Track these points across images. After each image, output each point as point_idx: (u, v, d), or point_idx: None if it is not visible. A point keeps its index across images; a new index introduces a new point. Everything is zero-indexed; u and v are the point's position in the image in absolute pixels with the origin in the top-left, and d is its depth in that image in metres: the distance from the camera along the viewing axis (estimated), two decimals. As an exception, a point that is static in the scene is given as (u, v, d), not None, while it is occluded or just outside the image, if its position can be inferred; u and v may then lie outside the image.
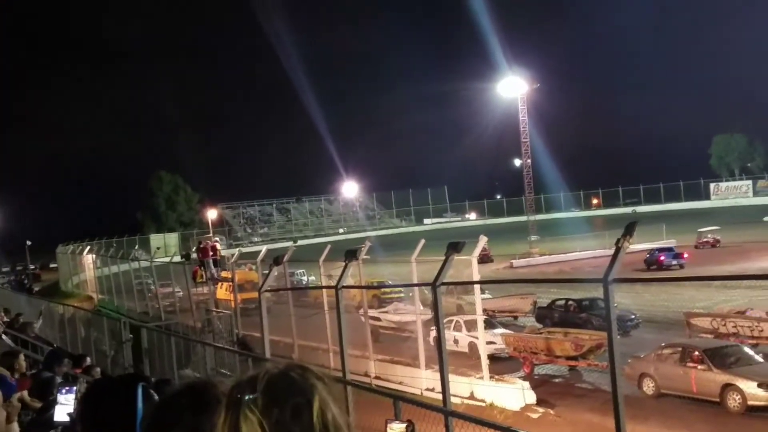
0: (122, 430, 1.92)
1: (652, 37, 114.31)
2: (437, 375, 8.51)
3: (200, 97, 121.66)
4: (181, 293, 28.91)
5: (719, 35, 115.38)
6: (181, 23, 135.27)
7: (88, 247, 43.77)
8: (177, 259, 29.81)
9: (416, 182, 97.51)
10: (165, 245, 56.90)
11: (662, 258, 36.71)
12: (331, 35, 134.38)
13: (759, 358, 16.57)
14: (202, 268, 26.55)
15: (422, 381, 16.99)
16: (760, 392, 14.89)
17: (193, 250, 31.95)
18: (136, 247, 51.39)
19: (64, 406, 3.13)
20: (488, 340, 19.12)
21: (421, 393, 16.27)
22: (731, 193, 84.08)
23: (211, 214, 79.89)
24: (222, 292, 27.20)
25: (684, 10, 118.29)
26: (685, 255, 37.24)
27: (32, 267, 66.77)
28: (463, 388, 16.48)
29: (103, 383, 2.19)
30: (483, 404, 16.25)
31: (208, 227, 75.82)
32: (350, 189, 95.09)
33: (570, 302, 24.80)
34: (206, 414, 1.69)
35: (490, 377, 17.06)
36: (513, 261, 43.86)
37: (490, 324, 21.07)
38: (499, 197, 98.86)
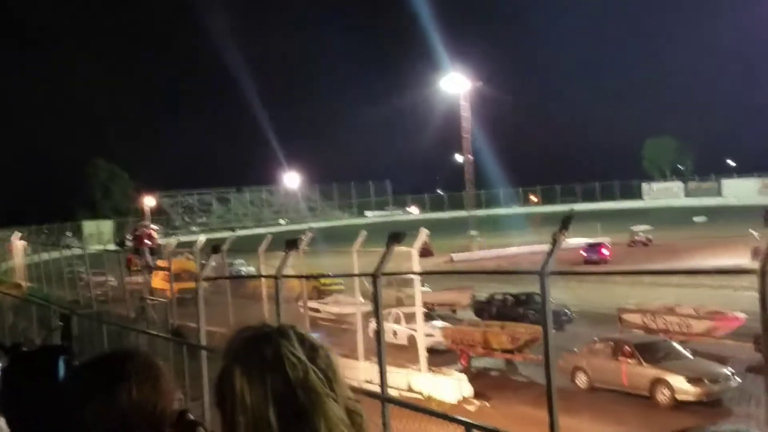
0: (44, 404, 1.81)
1: (591, 40, 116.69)
2: (376, 367, 8.48)
3: (139, 85, 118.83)
4: (115, 282, 28.17)
5: (656, 39, 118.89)
6: (118, 6, 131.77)
7: (18, 234, 42.31)
8: (112, 247, 29.04)
9: (358, 175, 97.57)
10: (99, 233, 55.49)
11: (584, 253, 38.06)
12: (273, 27, 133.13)
13: (688, 353, 17.11)
14: (137, 256, 25.92)
15: (360, 372, 16.97)
16: (689, 387, 15.40)
17: (129, 237, 31.18)
18: (68, 233, 49.91)
19: None
20: (427, 333, 19.24)
21: (359, 385, 16.25)
22: (663, 194, 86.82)
23: (149, 202, 78.17)
24: (158, 281, 26.59)
25: (625, 14, 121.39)
26: (604, 251, 38.61)
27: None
28: (401, 379, 16.53)
29: (21, 357, 2.06)
30: (420, 397, 16.32)
31: (145, 215, 74.23)
32: (292, 180, 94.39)
33: (507, 296, 25.18)
34: (125, 383, 1.60)
35: (428, 369, 17.16)
36: (453, 255, 44.26)
37: (429, 317, 21.20)
38: (440, 192, 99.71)
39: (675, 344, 17.66)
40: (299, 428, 1.16)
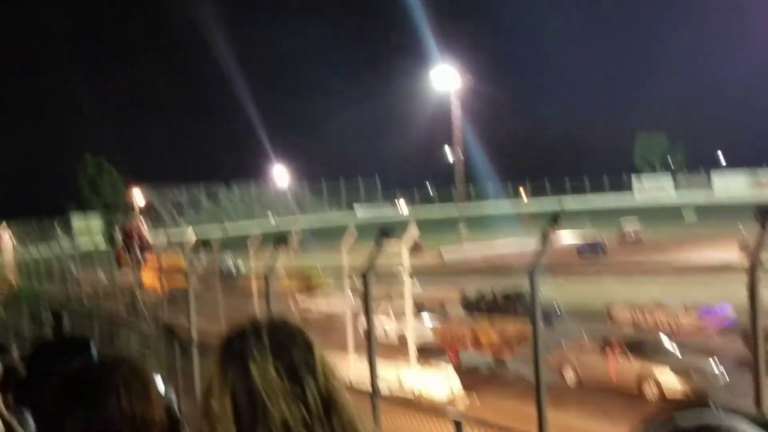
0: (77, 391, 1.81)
1: (581, 34, 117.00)
2: (365, 363, 8.53)
3: (127, 80, 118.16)
4: (104, 277, 28.07)
5: (647, 33, 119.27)
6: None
7: (7, 229, 42.09)
8: (101, 244, 28.96)
9: (348, 171, 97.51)
10: (88, 228, 55.24)
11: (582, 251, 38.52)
12: (263, 22, 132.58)
13: (675, 349, 17.25)
14: (127, 251, 25.85)
15: (350, 369, 17.01)
16: (676, 382, 15.52)
17: (118, 233, 31.07)
18: (57, 229, 49.66)
19: None
20: (416, 330, 19.29)
21: (349, 381, 16.29)
22: (653, 188, 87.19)
23: (138, 197, 77.86)
24: (147, 277, 26.53)
25: (616, 8, 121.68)
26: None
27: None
28: (390, 374, 16.57)
29: (52, 344, 2.06)
30: (411, 393, 16.38)
31: (134, 211, 73.92)
32: (281, 176, 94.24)
33: (497, 293, 25.25)
34: (111, 395, 1.60)
35: (418, 363, 17.22)
36: (442, 250, 44.32)
37: (419, 314, 21.25)
38: (430, 188, 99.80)
39: (663, 340, 17.79)
40: (254, 423, 1.19)
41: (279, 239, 10.08)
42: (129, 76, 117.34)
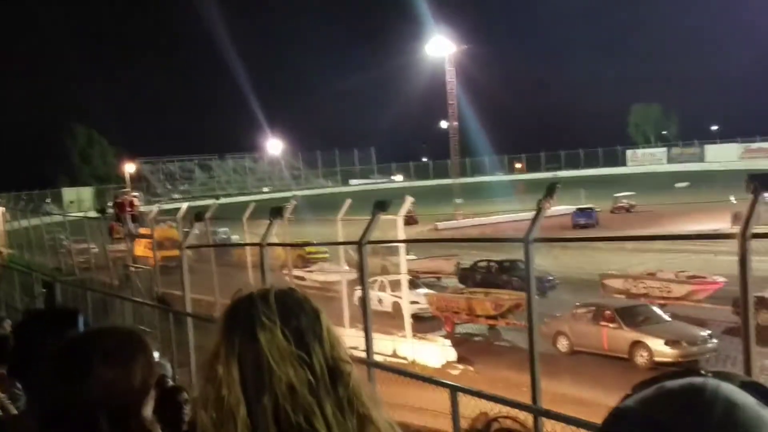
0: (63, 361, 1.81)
1: (577, 7, 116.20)
2: (361, 333, 8.56)
3: (120, 51, 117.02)
4: (97, 250, 28.02)
5: (643, 5, 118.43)
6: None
7: (-3, 200, 41.90)
8: (92, 214, 28.78)
9: (343, 143, 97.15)
10: (79, 200, 55.03)
11: (575, 218, 38.84)
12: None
13: (667, 317, 17.42)
14: (119, 223, 25.79)
15: (346, 339, 17.10)
16: (667, 349, 15.69)
17: (110, 205, 30.93)
18: (48, 200, 49.39)
19: None
20: (412, 300, 19.38)
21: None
22: (647, 160, 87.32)
23: (129, 168, 77.40)
24: (140, 249, 26.49)
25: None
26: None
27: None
28: (386, 345, 16.68)
29: (40, 314, 2.05)
30: (405, 361, 16.50)
31: (126, 182, 73.59)
32: (275, 148, 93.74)
33: (492, 264, 25.38)
34: (99, 365, 1.60)
35: (413, 335, 17.32)
36: (438, 223, 44.37)
37: (413, 284, 21.34)
38: (425, 159, 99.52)
39: (655, 308, 17.95)
40: (260, 387, 1.19)
41: (274, 211, 10.05)
42: (120, 46, 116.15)
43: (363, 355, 8.19)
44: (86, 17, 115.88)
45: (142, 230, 26.20)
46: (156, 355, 2.89)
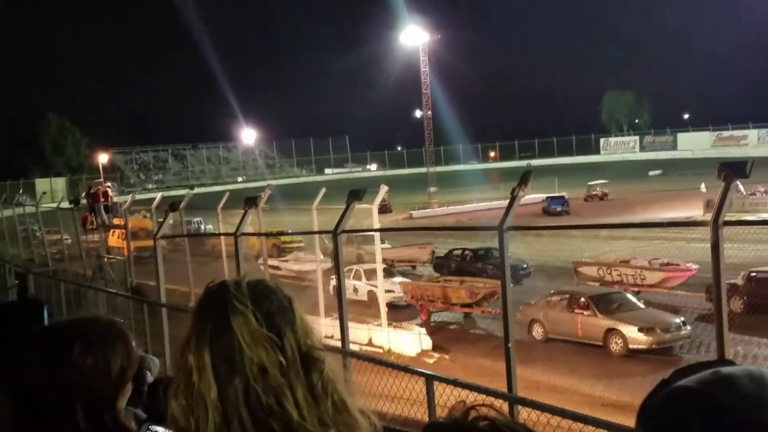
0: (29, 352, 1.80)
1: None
2: (336, 322, 8.55)
3: (91, 40, 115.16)
4: (70, 240, 27.66)
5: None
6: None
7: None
8: (65, 205, 28.38)
9: (317, 131, 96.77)
10: (51, 190, 54.27)
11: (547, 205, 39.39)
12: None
13: (640, 304, 17.61)
14: (93, 214, 25.46)
15: (322, 329, 17.09)
16: (641, 336, 15.88)
17: (83, 195, 30.48)
18: (20, 191, 48.57)
19: None
20: (387, 289, 19.40)
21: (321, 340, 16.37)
22: (620, 148, 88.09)
23: (102, 159, 76.42)
24: (114, 239, 26.22)
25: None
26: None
27: None
28: (361, 334, 16.71)
29: (7, 307, 2.03)
30: (381, 350, 16.54)
31: (99, 172, 72.65)
32: (249, 137, 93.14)
33: (466, 252, 25.48)
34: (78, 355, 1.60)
35: (388, 324, 17.35)
36: (412, 211, 44.45)
37: (389, 273, 21.38)
38: (399, 148, 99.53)
39: (629, 295, 18.13)
40: (231, 369, 1.19)
41: (248, 200, 9.98)
42: (92, 32, 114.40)
43: (338, 344, 8.19)
44: (58, 6, 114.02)
45: (116, 220, 25.89)
46: (151, 355, 2.86)
